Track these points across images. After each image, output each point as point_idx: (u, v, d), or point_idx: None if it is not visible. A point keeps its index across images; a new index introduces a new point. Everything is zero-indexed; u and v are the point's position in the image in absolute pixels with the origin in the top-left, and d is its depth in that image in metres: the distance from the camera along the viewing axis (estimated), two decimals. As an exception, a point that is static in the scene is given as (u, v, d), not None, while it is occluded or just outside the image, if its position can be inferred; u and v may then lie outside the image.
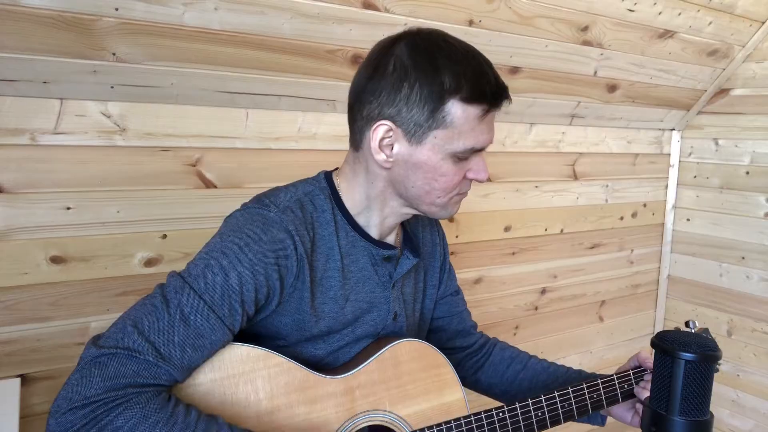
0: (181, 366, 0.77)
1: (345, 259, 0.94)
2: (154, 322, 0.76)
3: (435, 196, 0.91)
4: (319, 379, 0.90)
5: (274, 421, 0.86)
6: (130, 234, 1.27)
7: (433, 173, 0.88)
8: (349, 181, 0.95)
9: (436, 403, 0.99)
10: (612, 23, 1.74)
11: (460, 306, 1.19)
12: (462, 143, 0.86)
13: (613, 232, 2.29)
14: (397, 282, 1.01)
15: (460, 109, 0.84)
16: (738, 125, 2.22)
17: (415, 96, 0.83)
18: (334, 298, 0.93)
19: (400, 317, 1.02)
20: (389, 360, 0.96)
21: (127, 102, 1.23)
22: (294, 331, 0.91)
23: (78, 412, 0.71)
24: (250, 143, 1.39)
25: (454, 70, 0.83)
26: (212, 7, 1.17)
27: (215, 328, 0.80)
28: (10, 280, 1.16)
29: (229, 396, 0.83)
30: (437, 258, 1.13)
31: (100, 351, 0.74)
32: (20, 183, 1.15)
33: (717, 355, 0.87)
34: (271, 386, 0.86)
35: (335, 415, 0.90)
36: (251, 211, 0.88)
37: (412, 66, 0.84)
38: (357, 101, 0.89)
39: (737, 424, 2.30)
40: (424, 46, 0.85)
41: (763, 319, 2.18)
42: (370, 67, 0.88)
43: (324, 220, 0.92)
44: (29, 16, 1.04)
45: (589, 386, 1.04)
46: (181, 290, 0.79)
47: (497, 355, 1.19)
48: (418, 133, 0.85)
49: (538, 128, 1.97)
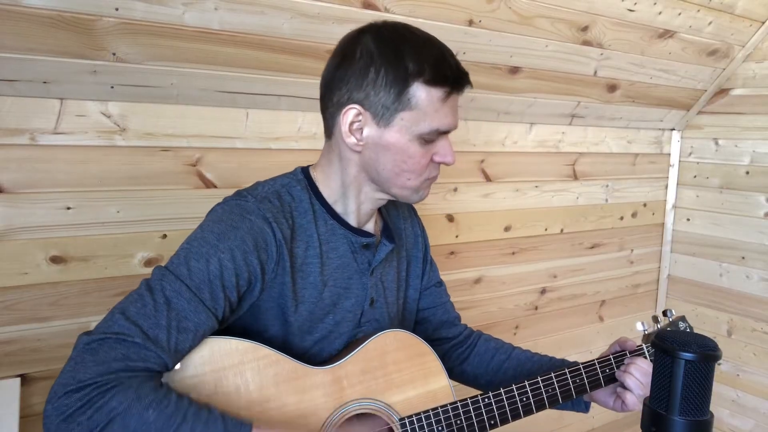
0: (168, 348, 0.79)
1: (324, 246, 0.97)
2: (139, 308, 0.79)
3: (405, 178, 0.94)
4: (307, 370, 0.91)
5: (265, 412, 0.87)
6: (130, 234, 1.27)
7: (402, 155, 0.92)
8: (324, 171, 0.99)
9: (423, 390, 1.01)
10: (612, 23, 1.74)
11: (444, 297, 1.21)
12: (427, 124, 0.91)
13: (613, 231, 2.29)
14: (376, 269, 1.03)
15: (424, 91, 0.89)
16: (738, 125, 2.22)
17: (382, 80, 0.88)
18: (313, 284, 0.95)
19: (377, 303, 1.04)
20: (375, 350, 0.98)
21: (127, 102, 1.23)
22: (277, 318, 0.93)
23: (73, 395, 0.73)
24: (250, 143, 1.39)
25: (417, 56, 0.89)
26: (212, 7, 1.17)
27: (198, 311, 0.82)
28: (10, 280, 1.16)
29: (219, 389, 0.84)
30: (420, 249, 1.16)
31: (90, 338, 0.77)
32: (20, 183, 1.15)
33: (717, 354, 0.87)
34: (260, 378, 0.87)
35: (324, 404, 0.92)
36: (230, 203, 0.92)
37: (378, 52, 0.89)
38: (327, 90, 0.94)
39: (737, 423, 2.30)
40: (388, 36, 0.91)
41: (763, 319, 2.18)
42: (337, 57, 0.93)
43: (302, 209, 0.95)
44: (29, 16, 1.04)
45: (571, 371, 1.07)
46: (164, 278, 0.83)
47: (482, 346, 1.22)
48: (386, 115, 0.90)
49: (538, 128, 1.97)
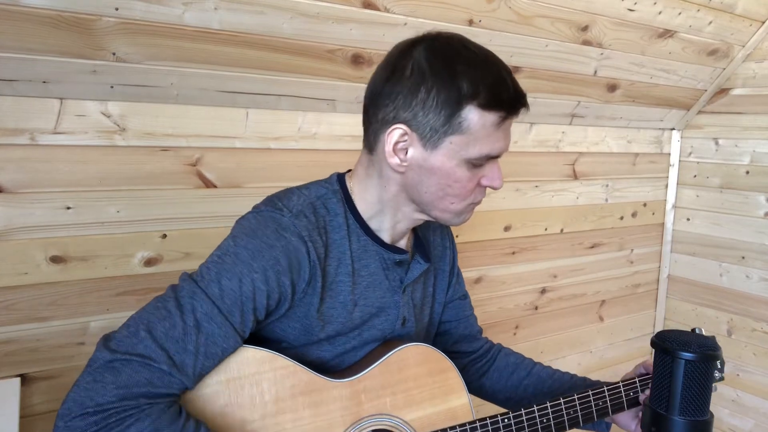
0: (193, 374, 0.77)
1: (356, 263, 0.93)
2: (168, 328, 0.75)
3: (449, 202, 0.90)
4: (325, 383, 0.89)
5: (280, 424, 0.86)
6: (130, 234, 1.27)
7: (447, 179, 0.87)
8: (362, 184, 0.94)
9: (442, 408, 0.98)
10: (612, 23, 1.74)
11: (468, 310, 1.17)
12: (477, 149, 0.85)
13: (613, 231, 2.29)
14: (408, 287, 1.00)
15: (477, 115, 0.83)
16: (738, 125, 2.22)
17: (432, 101, 0.82)
18: (343, 303, 0.92)
19: (408, 322, 1.01)
20: (395, 364, 0.95)
21: (127, 102, 1.23)
22: (300, 336, 0.91)
23: (89, 418, 0.70)
24: (250, 143, 1.39)
25: (473, 76, 0.82)
26: (212, 7, 1.17)
27: (227, 336, 0.79)
28: (9, 280, 1.16)
29: (235, 398, 0.83)
30: (447, 262, 1.11)
31: (114, 356, 0.73)
32: (20, 183, 1.15)
33: (717, 354, 0.87)
34: (276, 389, 0.86)
35: (341, 418, 0.90)
36: (264, 215, 0.86)
37: (430, 70, 0.82)
38: (373, 104, 0.88)
39: (737, 423, 2.30)
40: (442, 51, 0.84)
41: (763, 319, 2.18)
42: (387, 70, 0.86)
43: (336, 224, 0.91)
44: (29, 16, 1.04)
45: (594, 393, 1.03)
46: (195, 296, 0.79)
47: (502, 361, 1.18)
48: (433, 138, 0.84)
49: (538, 128, 1.97)
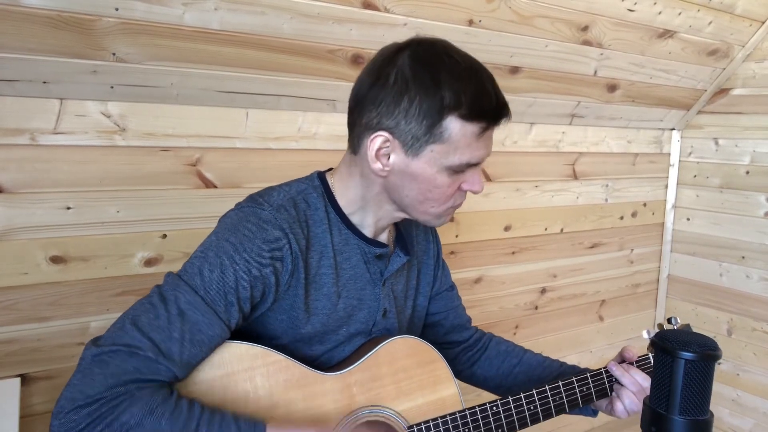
0: (180, 361, 0.78)
1: (338, 256, 0.95)
2: (152, 319, 0.77)
3: (429, 206, 0.92)
4: (317, 376, 0.91)
5: (274, 418, 0.86)
6: (130, 234, 1.27)
7: (428, 185, 0.89)
8: (344, 181, 0.96)
9: (432, 398, 1.00)
10: (612, 23, 1.74)
11: (456, 301, 1.20)
12: (458, 158, 0.87)
13: (613, 231, 2.29)
14: (388, 279, 1.02)
15: (458, 125, 0.84)
16: (738, 125, 2.22)
17: (414, 110, 0.84)
18: (327, 295, 0.94)
19: (389, 314, 1.03)
20: (384, 357, 0.97)
21: (127, 102, 1.23)
22: (288, 329, 0.92)
23: (82, 411, 0.71)
24: (249, 143, 1.39)
25: (455, 87, 0.83)
26: (212, 7, 1.17)
27: (212, 324, 0.81)
28: (10, 280, 1.16)
29: (229, 393, 0.84)
30: (431, 255, 1.14)
31: (100, 349, 0.75)
32: (20, 183, 1.15)
33: (717, 354, 0.87)
34: (269, 383, 0.87)
35: (334, 411, 0.91)
36: (245, 210, 0.89)
37: (413, 79, 0.84)
38: (357, 106, 0.90)
39: (737, 423, 2.30)
40: (426, 59, 0.85)
41: (763, 319, 2.18)
42: (372, 75, 0.88)
43: (317, 217, 0.93)
44: (29, 16, 1.04)
45: (578, 380, 1.07)
46: (178, 287, 0.81)
47: (493, 350, 1.21)
48: (415, 145, 0.86)
49: (538, 128, 1.97)
